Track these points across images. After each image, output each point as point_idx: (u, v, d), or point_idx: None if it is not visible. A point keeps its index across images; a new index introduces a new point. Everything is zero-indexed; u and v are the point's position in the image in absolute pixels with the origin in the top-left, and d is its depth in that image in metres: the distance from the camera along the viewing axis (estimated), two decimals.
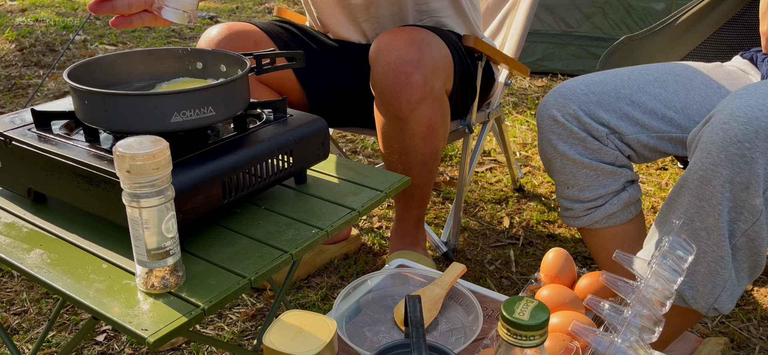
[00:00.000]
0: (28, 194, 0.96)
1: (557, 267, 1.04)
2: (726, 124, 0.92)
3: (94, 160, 0.84)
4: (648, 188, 2.23)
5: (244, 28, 1.47)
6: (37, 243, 0.87)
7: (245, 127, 0.98)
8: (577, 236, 1.93)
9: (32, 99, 3.05)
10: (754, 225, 0.94)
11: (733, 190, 0.93)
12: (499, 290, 1.69)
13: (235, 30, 1.45)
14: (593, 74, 1.22)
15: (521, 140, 2.68)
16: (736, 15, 1.47)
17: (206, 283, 0.79)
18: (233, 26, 1.46)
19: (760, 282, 1.69)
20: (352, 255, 1.84)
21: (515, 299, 0.59)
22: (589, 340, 0.73)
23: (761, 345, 1.48)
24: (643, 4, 3.22)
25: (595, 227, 1.23)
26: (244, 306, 1.61)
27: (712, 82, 1.19)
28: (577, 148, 1.18)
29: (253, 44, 1.46)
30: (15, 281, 1.70)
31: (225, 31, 1.44)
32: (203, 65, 1.07)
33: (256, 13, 5.16)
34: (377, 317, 0.97)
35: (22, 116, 1.00)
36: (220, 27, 1.46)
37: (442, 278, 1.01)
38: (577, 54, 3.44)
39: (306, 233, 0.89)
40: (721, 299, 0.99)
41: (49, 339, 1.48)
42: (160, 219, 0.73)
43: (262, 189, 0.96)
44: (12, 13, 4.81)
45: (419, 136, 1.39)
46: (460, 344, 0.90)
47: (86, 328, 0.90)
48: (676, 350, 1.26)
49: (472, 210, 2.10)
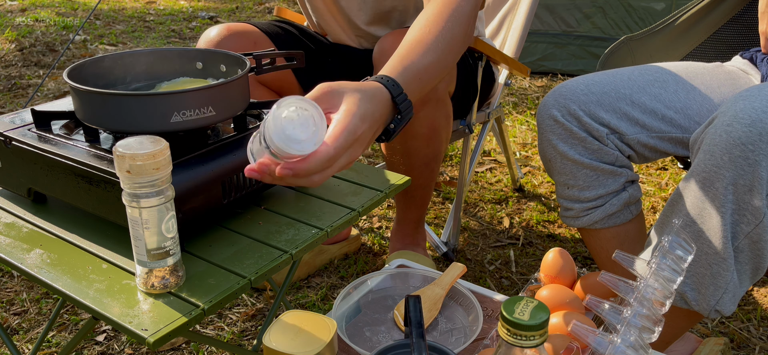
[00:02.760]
0: (28, 194, 0.96)
1: (557, 267, 1.04)
2: (730, 127, 0.92)
3: (94, 160, 0.84)
4: (648, 188, 2.23)
5: (243, 29, 1.47)
6: (37, 243, 0.87)
7: (245, 127, 0.98)
8: (577, 236, 1.93)
9: (32, 99, 3.05)
10: (756, 227, 0.94)
11: (737, 192, 0.93)
12: (499, 290, 1.69)
13: (234, 30, 1.45)
14: (593, 74, 1.22)
15: (521, 140, 2.68)
16: (736, 15, 1.47)
17: (206, 283, 0.79)
18: (232, 27, 1.46)
19: (760, 282, 1.69)
20: (352, 255, 1.84)
21: (515, 299, 0.59)
22: (589, 340, 0.73)
23: (761, 345, 1.47)
24: (643, 4, 3.22)
25: (595, 227, 1.23)
26: (244, 306, 1.61)
27: (713, 82, 1.19)
28: (577, 148, 1.18)
29: (252, 45, 1.46)
30: (15, 281, 1.70)
31: (224, 31, 1.44)
32: (203, 65, 1.07)
33: (256, 13, 5.16)
34: (377, 317, 0.97)
35: (22, 116, 1.00)
36: (219, 27, 1.46)
37: (442, 278, 1.01)
38: (577, 54, 3.44)
39: (306, 233, 0.89)
40: (723, 300, 0.99)
41: (49, 339, 1.48)
42: (160, 219, 0.73)
43: (262, 189, 0.96)
44: (12, 13, 4.80)
45: (421, 138, 1.39)
46: (460, 344, 0.90)
47: (86, 328, 0.90)
48: (676, 350, 1.26)
49: (472, 210, 2.10)
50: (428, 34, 0.95)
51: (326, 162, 0.73)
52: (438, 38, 0.95)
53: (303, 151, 0.71)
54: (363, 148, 0.79)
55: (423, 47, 0.93)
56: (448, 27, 0.97)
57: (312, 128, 0.72)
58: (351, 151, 0.76)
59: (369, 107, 0.79)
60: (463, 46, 1.03)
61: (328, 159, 0.73)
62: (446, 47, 0.96)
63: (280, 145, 0.70)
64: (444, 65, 0.97)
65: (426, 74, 0.92)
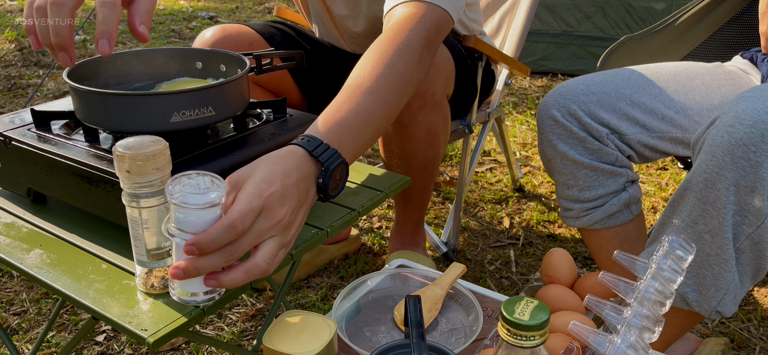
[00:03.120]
0: (28, 194, 0.96)
1: (557, 267, 1.04)
2: (731, 127, 0.92)
3: (93, 160, 0.84)
4: (648, 188, 2.23)
5: (238, 30, 1.47)
6: (36, 243, 0.87)
7: (245, 127, 0.98)
8: (577, 236, 1.93)
9: (32, 99, 3.05)
10: (758, 228, 0.94)
11: (738, 193, 0.92)
12: (499, 290, 1.69)
13: (229, 32, 1.45)
14: (593, 74, 1.22)
15: (521, 140, 2.68)
16: (736, 15, 1.47)
17: None
18: (227, 28, 1.46)
19: (761, 283, 1.69)
20: (352, 255, 1.84)
21: (515, 299, 0.59)
22: (589, 340, 0.73)
23: (761, 345, 1.47)
24: (643, 3, 3.22)
25: (595, 227, 1.23)
26: (244, 306, 1.61)
27: (713, 82, 1.19)
28: (577, 148, 1.18)
29: (248, 46, 1.45)
30: (15, 281, 1.70)
31: (219, 33, 1.44)
32: (203, 65, 1.07)
33: (255, 13, 5.16)
34: (377, 317, 0.97)
35: (22, 116, 1.00)
36: (213, 29, 1.45)
37: (442, 278, 1.01)
38: (577, 54, 3.44)
39: (306, 233, 0.89)
40: (724, 301, 0.99)
41: (48, 339, 1.48)
42: (160, 219, 0.73)
43: None
44: (12, 13, 4.80)
45: (420, 141, 1.39)
46: (460, 344, 0.90)
47: (86, 328, 0.90)
48: (677, 350, 1.26)
49: (472, 210, 2.10)
50: (367, 78, 0.91)
51: (229, 228, 0.67)
52: (378, 79, 0.91)
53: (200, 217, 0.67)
54: (287, 208, 0.73)
55: (360, 92, 0.89)
56: (390, 65, 0.93)
57: (207, 187, 0.68)
58: (266, 215, 0.71)
59: (275, 168, 0.75)
60: (412, 82, 0.98)
61: (229, 223, 0.68)
62: (389, 88, 0.92)
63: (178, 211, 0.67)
64: (388, 105, 0.92)
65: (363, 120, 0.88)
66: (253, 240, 0.71)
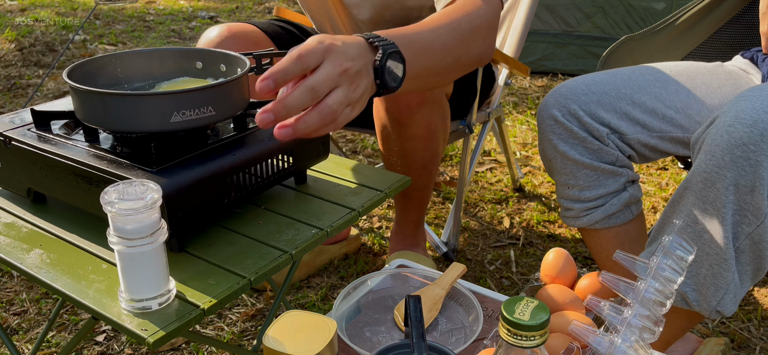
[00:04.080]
0: (28, 194, 0.96)
1: (557, 267, 1.03)
2: (731, 127, 0.92)
3: (93, 160, 0.84)
4: (648, 188, 2.23)
5: (243, 29, 1.47)
6: (36, 243, 0.87)
7: (245, 127, 0.98)
8: (577, 236, 1.93)
9: (32, 99, 3.05)
10: (758, 228, 0.94)
11: (738, 193, 0.92)
12: (499, 290, 1.69)
13: (235, 31, 1.45)
14: (594, 74, 1.22)
15: (521, 140, 2.68)
16: (737, 15, 1.47)
17: (206, 283, 0.79)
18: (233, 27, 1.46)
19: (761, 283, 1.69)
20: (352, 255, 1.84)
21: (515, 299, 0.59)
22: (589, 340, 0.73)
23: (762, 345, 1.47)
24: (643, 3, 3.22)
25: (595, 227, 1.23)
26: (244, 306, 1.61)
27: (713, 82, 1.19)
28: (577, 148, 1.18)
29: (253, 45, 1.46)
30: (15, 281, 1.70)
31: (225, 32, 1.44)
32: (203, 65, 1.07)
33: (256, 13, 5.16)
34: (377, 317, 0.97)
35: (22, 116, 1.00)
36: (219, 28, 1.45)
37: (442, 278, 1.01)
38: (577, 54, 3.44)
39: (306, 233, 0.89)
40: (724, 301, 0.99)
41: (48, 339, 1.48)
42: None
43: (262, 189, 0.96)
44: (12, 13, 4.80)
45: (419, 140, 1.39)
46: (460, 344, 0.90)
47: (86, 328, 0.90)
48: (677, 350, 1.26)
49: (472, 210, 2.10)
50: (429, 23, 0.94)
51: (296, 59, 0.72)
52: (441, 26, 0.94)
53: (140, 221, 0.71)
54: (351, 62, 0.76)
55: (420, 28, 0.92)
56: (457, 22, 0.96)
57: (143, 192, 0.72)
58: (333, 60, 0.74)
59: (336, 37, 0.78)
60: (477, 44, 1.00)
61: (297, 54, 0.72)
62: (451, 36, 0.94)
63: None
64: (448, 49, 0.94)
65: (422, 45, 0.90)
66: (324, 78, 0.73)
